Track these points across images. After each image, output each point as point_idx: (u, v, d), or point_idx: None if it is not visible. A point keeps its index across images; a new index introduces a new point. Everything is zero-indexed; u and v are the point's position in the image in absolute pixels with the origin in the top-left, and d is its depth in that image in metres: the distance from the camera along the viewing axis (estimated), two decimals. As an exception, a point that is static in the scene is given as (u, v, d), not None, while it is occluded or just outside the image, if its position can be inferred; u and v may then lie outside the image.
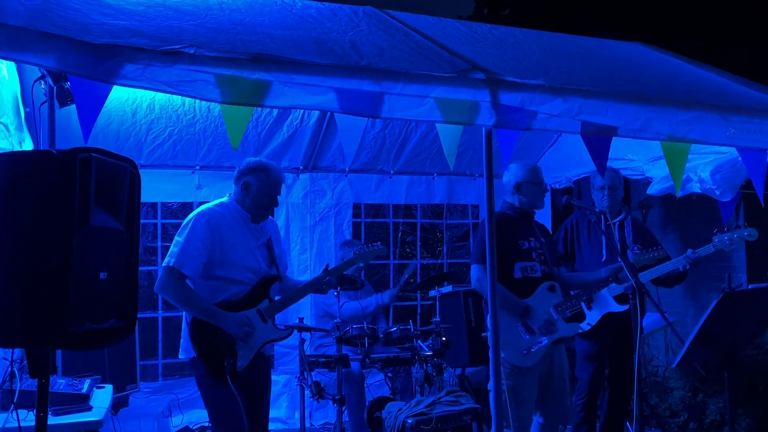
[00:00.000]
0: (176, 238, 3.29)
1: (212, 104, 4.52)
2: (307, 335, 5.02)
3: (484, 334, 3.78)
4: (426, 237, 7.69)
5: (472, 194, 6.39)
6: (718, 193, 4.63)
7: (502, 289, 3.60)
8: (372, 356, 4.86)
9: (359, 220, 6.16)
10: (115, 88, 2.52)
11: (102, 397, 3.48)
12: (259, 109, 4.77)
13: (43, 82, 3.09)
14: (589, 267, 4.36)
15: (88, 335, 2.14)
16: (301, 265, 5.78)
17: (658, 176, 5.05)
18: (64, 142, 2.52)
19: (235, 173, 3.46)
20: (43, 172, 2.07)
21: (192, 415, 5.19)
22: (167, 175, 5.23)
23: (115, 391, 4.01)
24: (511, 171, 3.93)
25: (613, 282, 3.92)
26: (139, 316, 2.49)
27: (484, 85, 2.85)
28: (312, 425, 5.43)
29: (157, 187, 5.15)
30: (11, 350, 2.73)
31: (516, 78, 2.94)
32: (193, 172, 5.33)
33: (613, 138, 3.20)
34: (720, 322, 3.10)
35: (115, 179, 2.27)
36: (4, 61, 3.27)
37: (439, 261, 6.77)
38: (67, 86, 2.90)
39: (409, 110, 2.78)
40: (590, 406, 4.39)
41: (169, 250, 3.27)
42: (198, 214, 3.34)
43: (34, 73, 3.21)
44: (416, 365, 4.96)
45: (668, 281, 4.35)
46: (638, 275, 3.63)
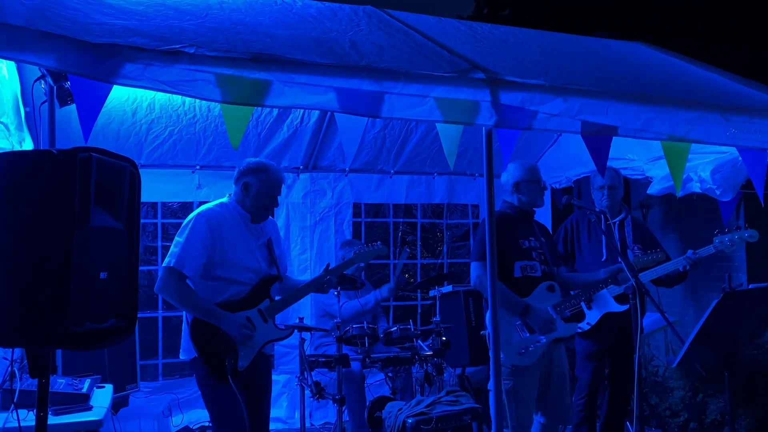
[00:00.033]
0: (176, 238, 3.29)
1: (212, 104, 4.52)
2: (307, 335, 5.02)
3: (483, 332, 3.79)
4: (426, 237, 7.69)
5: (472, 194, 6.39)
6: (718, 192, 4.63)
7: (502, 287, 3.60)
8: (372, 356, 4.85)
9: (359, 219, 6.16)
10: (115, 88, 2.53)
11: (102, 397, 3.48)
12: (259, 108, 4.77)
13: (43, 81, 3.09)
14: (589, 267, 4.36)
15: (88, 335, 2.14)
16: (301, 265, 5.78)
17: (659, 176, 5.04)
18: (64, 142, 2.52)
19: (234, 174, 3.46)
20: (43, 171, 2.07)
21: (192, 415, 5.19)
22: (167, 174, 5.23)
23: (115, 391, 4.01)
24: (508, 171, 3.94)
25: (612, 283, 3.93)
26: (139, 315, 2.49)
27: (484, 84, 2.85)
28: (312, 425, 5.43)
29: (157, 187, 5.15)
30: (11, 350, 2.73)
31: (516, 78, 2.94)
32: (193, 172, 5.33)
33: (613, 138, 3.20)
34: (720, 322, 3.10)
35: (116, 179, 2.27)
36: (4, 61, 3.27)
37: (440, 261, 6.77)
38: (67, 86, 2.90)
39: (410, 110, 2.78)
40: (590, 405, 4.39)
41: (170, 251, 3.27)
42: (198, 214, 3.34)
43: (35, 72, 3.21)
44: (416, 365, 4.96)
45: (668, 281, 4.34)
46: (638, 275, 3.64)
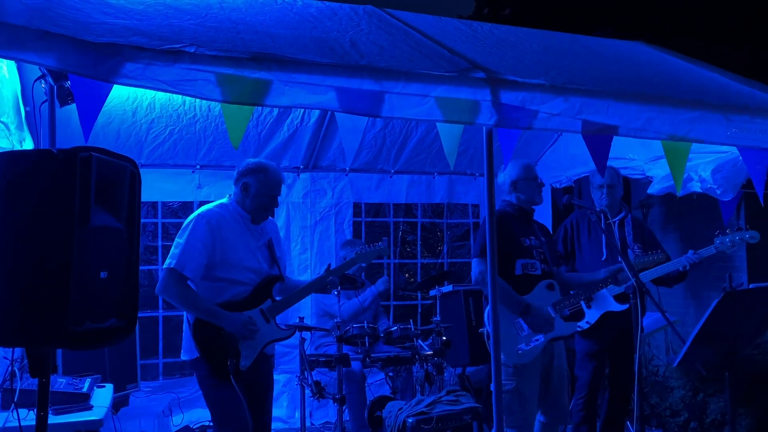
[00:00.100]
0: (177, 239, 3.29)
1: (213, 103, 4.52)
2: (307, 334, 5.02)
3: (482, 330, 3.79)
4: (426, 236, 7.68)
5: (472, 194, 6.39)
6: (718, 192, 4.63)
7: (503, 284, 3.60)
8: (372, 355, 4.85)
9: (360, 219, 6.16)
10: (116, 88, 2.53)
11: (102, 397, 3.48)
12: (260, 108, 4.76)
13: (43, 81, 3.08)
14: (589, 266, 4.36)
15: (88, 334, 2.14)
16: (301, 265, 5.78)
17: (659, 176, 5.04)
18: (65, 142, 2.51)
19: (234, 174, 3.46)
20: (43, 171, 2.07)
21: (192, 415, 5.19)
22: (168, 174, 5.23)
23: (116, 391, 4.01)
24: (505, 171, 3.95)
25: (612, 283, 3.93)
26: (140, 315, 2.49)
27: (484, 84, 2.85)
28: (312, 424, 5.43)
29: (157, 187, 5.15)
30: (12, 349, 2.73)
31: (517, 77, 2.93)
32: (194, 172, 5.33)
33: (613, 137, 3.20)
34: (721, 322, 3.09)
35: (116, 178, 2.27)
36: (4, 60, 3.26)
37: (440, 260, 6.77)
38: (67, 85, 2.89)
39: (410, 109, 2.78)
40: (590, 405, 4.39)
41: (170, 252, 3.26)
42: (198, 215, 3.33)
43: (35, 72, 3.20)
44: (417, 364, 4.96)
45: (669, 281, 4.34)
46: (638, 275, 3.64)
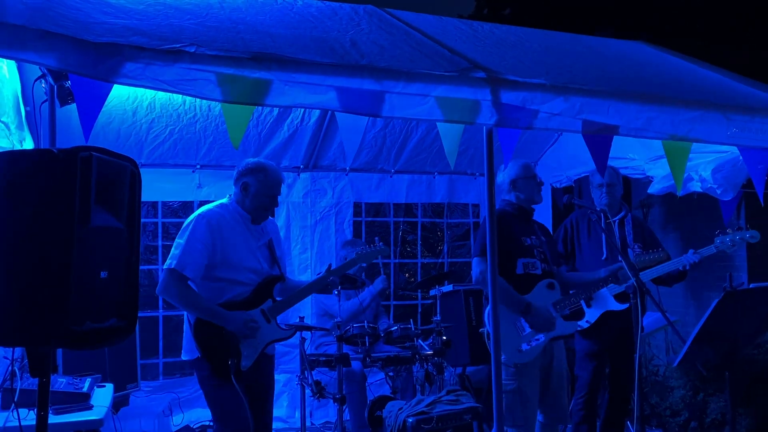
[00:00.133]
0: (177, 240, 3.29)
1: (213, 103, 4.51)
2: (307, 334, 5.02)
3: (482, 330, 3.79)
4: (427, 236, 7.68)
5: (472, 193, 6.39)
6: (719, 192, 4.63)
7: (504, 284, 3.60)
8: (373, 355, 4.85)
9: (360, 219, 6.15)
10: (116, 87, 2.52)
11: (103, 396, 3.48)
12: (260, 108, 4.76)
13: (43, 80, 3.08)
14: (589, 265, 4.36)
15: (88, 334, 2.14)
16: (302, 264, 5.78)
17: (659, 175, 5.04)
18: (65, 141, 2.51)
19: (234, 174, 3.45)
20: (43, 171, 2.07)
21: (193, 414, 5.19)
22: (168, 174, 5.23)
23: (116, 390, 4.01)
24: (504, 171, 3.94)
25: (612, 282, 3.92)
26: (140, 315, 2.49)
27: (485, 83, 2.85)
28: (312, 424, 5.43)
29: (157, 186, 5.15)
30: (12, 349, 2.73)
31: (517, 77, 2.93)
32: (194, 171, 5.33)
33: (614, 137, 3.20)
34: (721, 322, 3.09)
35: (116, 178, 2.27)
36: (4, 60, 3.26)
37: (440, 260, 6.77)
38: (67, 85, 2.89)
39: (410, 109, 2.78)
40: (590, 404, 4.39)
41: (170, 252, 3.26)
42: (198, 215, 3.33)
43: (35, 71, 3.20)
44: (417, 364, 4.96)
45: (669, 280, 4.34)
46: (639, 274, 3.64)
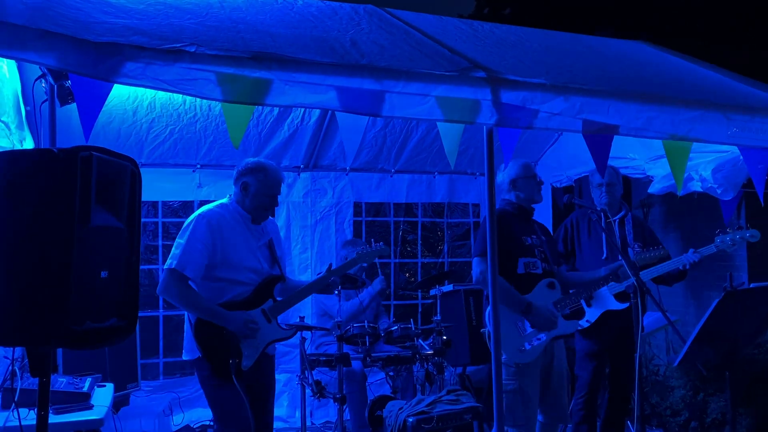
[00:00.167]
0: (177, 239, 3.29)
1: (213, 103, 4.50)
2: (307, 334, 5.02)
3: (483, 330, 3.79)
4: (427, 236, 7.68)
5: (473, 193, 6.39)
6: (719, 191, 4.63)
7: (504, 284, 3.60)
8: (373, 355, 4.85)
9: (360, 218, 6.15)
10: (116, 87, 2.52)
11: (103, 396, 3.48)
12: (260, 107, 4.77)
13: (43, 80, 3.08)
14: (589, 265, 4.35)
15: (88, 334, 2.14)
16: (302, 264, 5.78)
17: (659, 175, 5.04)
18: (65, 141, 2.51)
19: (234, 174, 3.45)
20: (43, 170, 2.07)
21: (193, 414, 5.19)
22: (168, 173, 5.23)
23: (116, 390, 4.01)
24: (504, 170, 3.94)
25: (613, 280, 3.92)
26: (140, 314, 2.49)
27: (485, 83, 2.85)
28: (313, 424, 5.43)
29: (157, 186, 5.15)
30: (12, 349, 2.73)
31: (517, 76, 2.93)
32: (194, 171, 5.33)
33: (614, 137, 3.20)
34: (721, 321, 3.09)
35: (116, 178, 2.27)
36: (4, 60, 3.26)
37: (440, 260, 6.77)
38: (67, 85, 2.89)
39: (410, 109, 2.78)
40: (590, 404, 4.38)
41: (171, 252, 3.26)
42: (198, 215, 3.33)
43: (35, 71, 3.20)
44: (417, 364, 4.96)
45: (669, 279, 4.34)
46: (639, 273, 3.64)
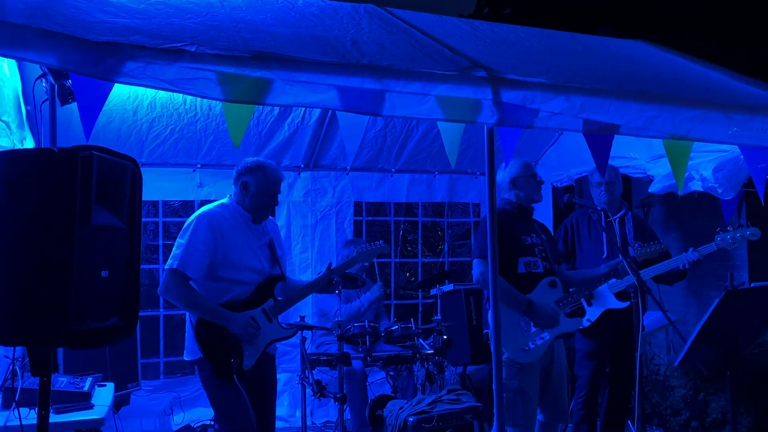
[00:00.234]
0: (178, 240, 3.28)
1: (213, 102, 4.52)
2: (308, 333, 5.02)
3: (486, 331, 3.78)
4: (427, 235, 7.69)
5: (473, 192, 6.39)
6: (720, 191, 4.63)
7: (505, 284, 3.60)
8: (373, 354, 4.86)
9: (360, 218, 6.15)
10: (117, 87, 2.52)
11: (103, 396, 3.48)
12: (261, 107, 4.77)
13: (44, 80, 3.09)
14: (590, 264, 4.35)
15: (89, 334, 2.14)
16: (302, 264, 5.78)
17: (660, 174, 5.04)
18: (66, 140, 2.51)
19: (233, 174, 3.45)
20: (44, 170, 2.07)
21: (193, 413, 5.20)
22: (168, 173, 5.24)
23: (117, 390, 4.01)
24: (504, 169, 3.94)
25: (613, 276, 3.92)
26: (141, 314, 2.48)
27: (485, 83, 2.85)
28: (313, 423, 5.43)
29: (158, 186, 5.15)
30: (13, 348, 2.73)
31: (518, 76, 2.93)
32: (195, 171, 5.33)
33: (614, 136, 3.19)
34: (722, 321, 3.09)
35: (117, 177, 2.27)
36: (5, 59, 3.26)
37: (441, 259, 6.77)
38: (68, 84, 2.90)
39: (411, 108, 2.78)
40: (590, 404, 4.38)
41: (172, 253, 3.26)
42: (199, 215, 3.33)
43: (35, 70, 3.20)
44: (417, 363, 4.96)
45: (669, 278, 4.34)
46: (640, 273, 3.64)
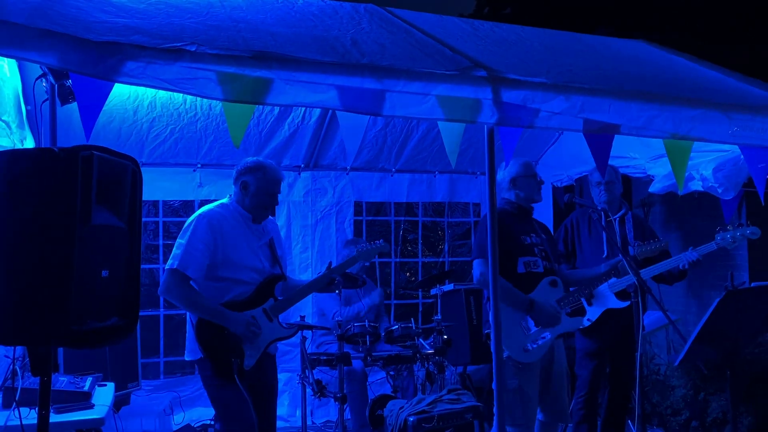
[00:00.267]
0: (178, 240, 3.28)
1: (214, 102, 4.52)
2: (308, 333, 5.02)
3: (486, 331, 3.78)
4: (427, 235, 7.69)
5: (473, 192, 6.39)
6: (720, 191, 4.63)
7: (506, 284, 3.60)
8: (374, 354, 4.86)
9: (361, 218, 6.15)
10: (117, 86, 2.52)
11: (104, 395, 3.48)
12: (261, 107, 4.77)
13: (44, 79, 3.09)
14: (590, 263, 4.35)
15: (89, 333, 2.14)
16: (302, 264, 5.78)
17: (660, 174, 5.04)
18: (66, 140, 2.52)
19: (233, 173, 3.45)
20: (44, 170, 2.07)
21: (194, 413, 5.20)
22: (169, 173, 5.24)
23: (117, 389, 4.01)
24: (504, 169, 3.94)
25: (613, 275, 3.92)
26: (141, 314, 2.48)
27: (486, 82, 2.85)
28: (313, 423, 5.44)
29: (158, 185, 5.16)
30: (13, 348, 2.73)
31: (518, 76, 2.93)
32: (195, 170, 5.34)
33: (615, 136, 3.19)
34: (722, 321, 3.09)
35: (117, 177, 2.27)
36: (5, 59, 3.26)
37: (441, 259, 6.77)
38: (68, 84, 2.90)
39: (411, 108, 2.78)
40: (590, 403, 4.38)
41: (172, 253, 3.26)
42: (199, 215, 3.33)
43: (36, 70, 3.20)
44: (418, 363, 4.96)
45: (669, 278, 4.34)
46: (640, 272, 3.64)
